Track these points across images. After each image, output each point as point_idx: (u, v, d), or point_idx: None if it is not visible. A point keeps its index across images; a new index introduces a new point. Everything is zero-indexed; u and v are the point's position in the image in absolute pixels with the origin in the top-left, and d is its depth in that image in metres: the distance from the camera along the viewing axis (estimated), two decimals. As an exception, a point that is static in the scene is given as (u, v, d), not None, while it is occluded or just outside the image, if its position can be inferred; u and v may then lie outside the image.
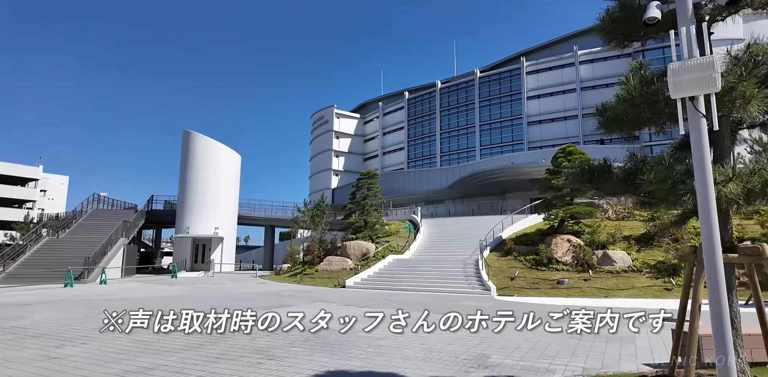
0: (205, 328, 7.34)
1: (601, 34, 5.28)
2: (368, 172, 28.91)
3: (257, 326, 7.73)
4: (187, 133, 35.04)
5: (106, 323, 7.78)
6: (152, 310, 11.28)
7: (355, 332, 9.22)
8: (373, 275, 22.76)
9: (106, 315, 7.96)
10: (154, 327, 7.50)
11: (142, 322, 7.83)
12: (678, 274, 17.42)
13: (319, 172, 76.82)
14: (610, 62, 54.75)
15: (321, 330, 9.35)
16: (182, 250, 32.93)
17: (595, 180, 5.12)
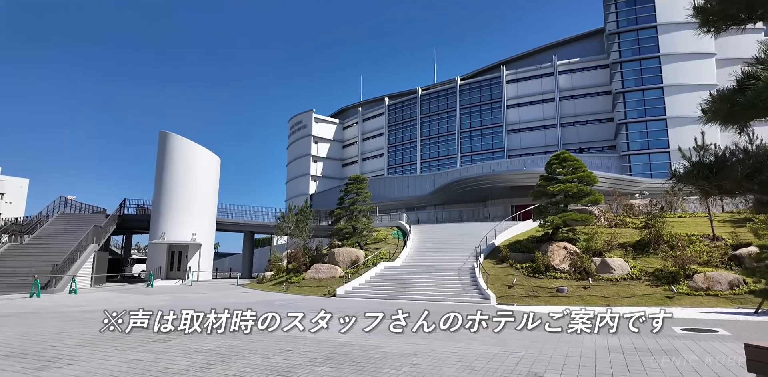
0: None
1: (700, 15, 4.74)
2: (357, 177, 28.12)
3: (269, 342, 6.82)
4: (163, 134, 33.42)
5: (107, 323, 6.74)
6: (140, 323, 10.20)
7: (378, 347, 8.40)
8: (364, 283, 21.90)
9: (110, 320, 6.93)
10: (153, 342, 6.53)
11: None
12: (677, 282, 17.33)
13: (297, 177, 75.39)
14: (588, 73, 55.93)
15: (340, 346, 8.49)
16: (157, 257, 31.15)
17: (713, 177, 4.55)
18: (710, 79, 45.94)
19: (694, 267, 17.64)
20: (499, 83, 60.01)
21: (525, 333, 10.06)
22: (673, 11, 47.74)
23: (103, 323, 8.66)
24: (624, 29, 49.23)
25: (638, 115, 47.74)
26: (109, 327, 9.03)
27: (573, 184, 21.16)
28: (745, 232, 19.58)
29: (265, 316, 12.48)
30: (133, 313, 9.07)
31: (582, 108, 55.57)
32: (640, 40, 48.56)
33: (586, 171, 21.92)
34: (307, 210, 31.97)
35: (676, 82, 46.34)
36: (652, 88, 47.20)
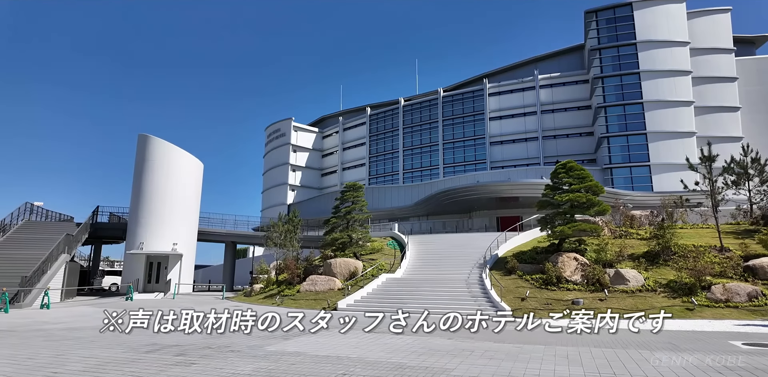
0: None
1: None
2: (353, 184, 27.06)
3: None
4: (143, 138, 31.46)
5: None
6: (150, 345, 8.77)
7: (444, 369, 7.32)
8: (367, 296, 20.76)
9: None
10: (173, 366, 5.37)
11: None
12: (695, 294, 17.04)
13: (274, 186, 73.38)
14: (569, 87, 57.09)
15: (399, 368, 7.40)
16: (134, 269, 28.91)
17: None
18: (686, 96, 47.56)
19: (709, 279, 17.42)
20: (481, 96, 60.47)
21: (592, 350, 9.25)
22: (651, 29, 49.48)
23: (103, 341, 7.25)
24: (605, 45, 50.54)
25: (619, 130, 48.77)
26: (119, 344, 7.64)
27: (581, 193, 20.83)
28: (753, 243, 19.63)
29: (289, 330, 11.24)
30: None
31: (563, 121, 56.52)
32: (620, 56, 49.93)
33: (593, 180, 21.70)
34: (296, 219, 30.58)
35: (655, 97, 47.70)
36: (632, 103, 48.41)
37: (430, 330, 12.47)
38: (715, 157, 20.36)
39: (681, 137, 46.73)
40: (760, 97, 50.99)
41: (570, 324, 14.77)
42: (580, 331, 10.03)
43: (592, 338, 11.09)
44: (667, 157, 46.39)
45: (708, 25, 50.86)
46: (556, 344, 10.17)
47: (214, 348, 9.52)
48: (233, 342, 10.31)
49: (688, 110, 47.36)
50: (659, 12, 50.04)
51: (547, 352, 9.02)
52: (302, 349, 9.39)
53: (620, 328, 13.84)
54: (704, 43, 49.97)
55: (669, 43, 48.99)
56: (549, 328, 13.23)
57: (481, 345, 10.00)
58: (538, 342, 10.38)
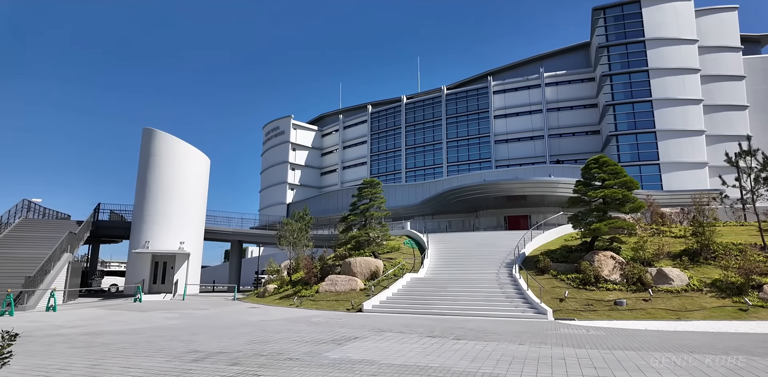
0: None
1: None
2: (371, 180, 25.94)
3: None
4: (148, 132, 30.09)
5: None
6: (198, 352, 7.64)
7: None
8: (392, 297, 19.70)
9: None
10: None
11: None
12: (746, 293, 16.24)
13: (273, 185, 72.03)
14: (574, 85, 56.57)
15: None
16: (139, 269, 27.52)
17: None
18: (695, 94, 47.17)
19: (758, 278, 16.64)
20: (486, 93, 59.76)
21: (694, 357, 8.26)
22: (660, 27, 49.05)
23: (136, 348, 6.19)
24: (613, 43, 50.01)
25: (628, 128, 48.24)
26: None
27: (617, 189, 19.98)
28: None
29: (336, 335, 10.05)
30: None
31: (568, 120, 55.97)
32: (629, 54, 49.43)
33: (628, 176, 20.85)
34: (307, 217, 29.42)
35: (664, 95, 47.25)
36: (641, 101, 47.91)
37: (489, 335, 11.51)
38: (756, 152, 19.65)
39: (690, 135, 46.31)
40: (766, 96, 50.84)
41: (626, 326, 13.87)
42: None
43: (666, 341, 10.16)
44: (677, 155, 45.96)
45: (715, 23, 50.58)
46: (642, 349, 9.22)
47: (267, 356, 8.43)
48: (283, 349, 9.23)
49: (697, 108, 46.98)
50: (667, 9, 49.63)
51: (648, 359, 8.06)
52: (369, 356, 8.33)
53: (678, 330, 13.03)
54: (712, 41, 49.68)
55: (677, 40, 48.59)
56: (598, 331, 12.38)
57: (562, 351, 9.01)
58: (619, 347, 9.42)
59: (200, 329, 12.62)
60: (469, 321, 15.04)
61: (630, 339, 10.74)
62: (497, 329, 12.61)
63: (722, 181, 20.55)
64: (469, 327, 12.82)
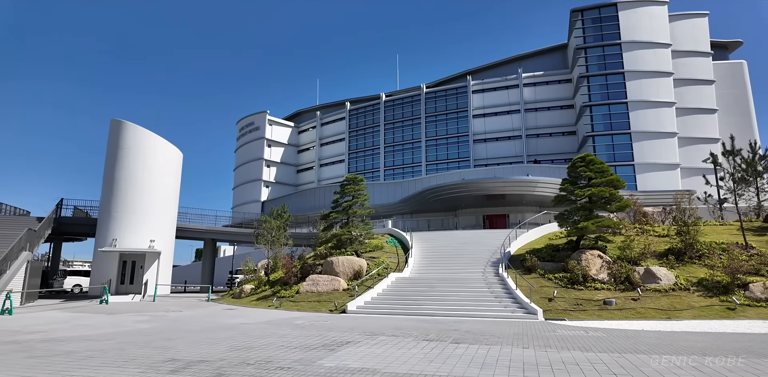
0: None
1: None
2: (354, 177, 25.13)
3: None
4: (116, 123, 28.40)
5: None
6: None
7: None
8: (378, 297, 19.02)
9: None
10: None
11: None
12: (732, 292, 16.27)
13: (246, 182, 70.19)
14: (552, 86, 57.11)
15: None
16: (106, 268, 25.88)
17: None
18: (669, 97, 48.24)
19: (743, 277, 16.71)
20: (465, 92, 59.71)
21: (711, 361, 7.87)
22: (636, 30, 49.94)
23: (105, 357, 5.37)
24: (590, 45, 50.65)
25: (604, 129, 48.94)
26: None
27: (604, 188, 19.84)
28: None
29: (326, 339, 9.26)
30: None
31: (546, 120, 56.48)
32: (605, 56, 50.16)
33: (614, 175, 20.77)
34: (285, 214, 28.41)
35: (639, 98, 48.13)
36: (617, 102, 48.68)
37: (488, 337, 10.96)
38: (739, 151, 19.85)
39: (664, 137, 47.33)
40: (733, 100, 52.52)
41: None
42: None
43: (670, 342, 9.81)
44: (651, 156, 46.89)
45: (687, 28, 51.90)
46: (651, 351, 8.82)
47: (255, 365, 7.62)
48: (271, 356, 8.41)
49: (670, 111, 48.05)
50: (643, 13, 50.60)
51: (664, 363, 7.62)
52: (368, 364, 7.62)
53: (675, 330, 12.80)
54: (684, 46, 50.94)
55: (652, 44, 49.59)
56: (597, 332, 12.02)
57: (571, 355, 8.51)
58: (627, 350, 9.00)
59: (176, 334, 11.63)
60: (460, 322, 14.50)
61: (633, 340, 10.37)
62: (493, 331, 12.08)
63: (706, 181, 20.73)
64: (465, 329, 12.26)
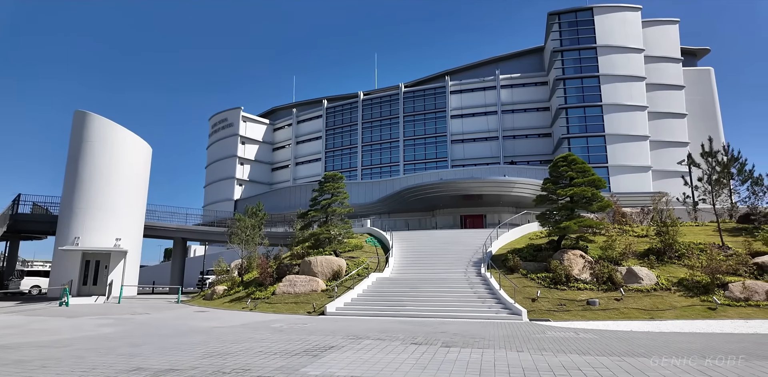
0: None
1: None
2: (333, 174, 24.40)
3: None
4: (80, 115, 26.79)
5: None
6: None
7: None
8: (358, 298, 18.39)
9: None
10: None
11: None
12: (712, 292, 16.37)
13: (219, 180, 68.30)
14: (528, 88, 57.69)
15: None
16: (67, 268, 24.30)
17: None
18: (641, 101, 49.33)
19: (723, 277, 16.84)
20: (443, 93, 59.68)
21: (711, 363, 7.56)
22: (610, 35, 50.87)
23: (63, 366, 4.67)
24: (567, 48, 51.33)
25: (579, 131, 49.64)
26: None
27: (587, 188, 19.77)
28: (754, 241, 19.48)
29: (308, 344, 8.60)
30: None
31: (522, 122, 56.98)
32: (581, 59, 50.90)
33: (596, 175, 20.74)
34: (260, 213, 27.44)
35: (613, 101, 49.04)
36: (592, 105, 49.46)
37: (478, 340, 10.48)
38: (716, 153, 20.13)
39: (637, 140, 48.34)
40: (701, 105, 54.15)
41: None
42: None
43: (664, 344, 9.55)
44: (624, 159, 47.81)
45: (659, 34, 53.21)
46: (650, 354, 8.50)
47: (231, 374, 6.89)
48: (249, 364, 7.69)
49: (643, 115, 49.14)
50: (617, 18, 51.60)
51: (669, 367, 7.29)
52: (356, 372, 7.00)
53: (664, 331, 12.67)
54: (655, 52, 52.21)
55: (626, 49, 50.62)
56: (587, 334, 11.75)
57: (569, 359, 8.11)
58: (625, 353, 8.67)
59: (142, 339, 10.72)
60: (445, 323, 14.01)
61: (627, 343, 10.08)
62: (481, 333, 11.63)
63: (685, 182, 20.97)
64: (452, 332, 11.76)
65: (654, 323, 14.24)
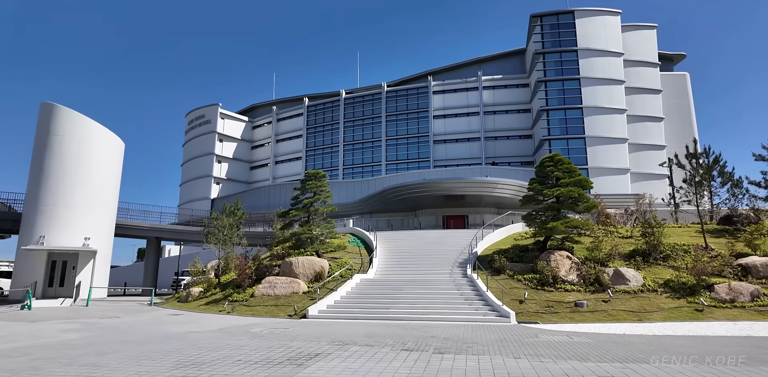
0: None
1: None
2: (316, 172, 23.64)
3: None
4: (47, 107, 25.36)
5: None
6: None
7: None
8: (341, 300, 17.77)
9: None
10: None
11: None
12: (698, 294, 16.32)
13: (195, 178, 66.55)
14: (510, 90, 57.92)
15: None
16: (31, 269, 22.88)
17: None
18: (620, 104, 50.00)
19: (708, 279, 16.83)
20: (426, 93, 59.44)
21: (721, 369, 7.22)
22: (591, 38, 51.43)
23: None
24: (549, 50, 51.66)
25: (560, 133, 50.00)
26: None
27: (573, 188, 19.59)
28: (736, 242, 19.61)
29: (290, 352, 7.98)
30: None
31: (503, 123, 57.17)
32: (563, 61, 51.30)
33: (582, 175, 20.60)
34: (239, 212, 26.52)
35: (593, 104, 49.56)
36: (573, 107, 49.88)
37: (471, 346, 10.01)
38: (701, 155, 20.24)
39: (616, 143, 48.94)
40: (677, 109, 55.26)
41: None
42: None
43: (662, 348, 9.24)
44: (604, 161, 48.34)
45: (637, 39, 54.07)
46: (651, 360, 8.16)
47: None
48: (228, 375, 7.02)
49: (622, 118, 49.81)
50: (598, 22, 52.21)
51: (675, 374, 6.92)
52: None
53: (657, 333, 12.39)
54: (634, 56, 53.03)
55: (606, 52, 51.24)
56: (580, 337, 11.42)
57: (571, 366, 7.69)
58: (626, 358, 8.31)
59: (109, 346, 9.88)
60: (433, 327, 13.51)
61: (625, 347, 9.74)
62: (473, 337, 11.17)
63: (670, 182, 21.04)
64: (443, 336, 11.26)
65: (644, 325, 14.04)
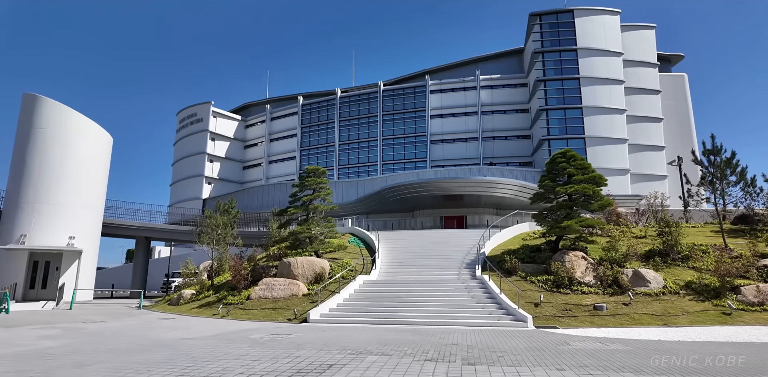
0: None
1: None
2: (315, 169, 22.47)
3: None
4: (30, 98, 23.96)
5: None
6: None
7: None
8: (344, 303, 16.66)
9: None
10: None
11: None
12: (723, 296, 15.44)
13: (186, 178, 65.00)
14: (508, 90, 57.23)
15: None
16: (10, 270, 21.39)
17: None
18: (620, 104, 49.45)
19: (733, 280, 15.96)
20: (423, 92, 58.55)
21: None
22: (590, 38, 50.89)
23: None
24: (548, 49, 51.03)
25: (560, 133, 49.32)
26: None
27: (588, 185, 18.68)
28: (758, 243, 18.82)
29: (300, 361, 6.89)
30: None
31: (501, 123, 56.44)
32: (562, 61, 50.68)
33: (595, 171, 19.70)
34: (233, 210, 25.32)
35: (593, 103, 48.95)
36: (572, 107, 49.24)
37: (501, 355, 8.96)
38: (720, 150, 19.44)
39: (615, 143, 48.36)
40: (675, 110, 54.91)
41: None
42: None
43: (714, 356, 8.27)
44: (604, 161, 47.66)
45: (636, 39, 53.65)
46: (713, 372, 7.18)
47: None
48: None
49: (621, 118, 49.26)
50: (597, 21, 51.71)
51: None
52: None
53: (695, 340, 11.38)
54: (633, 56, 52.57)
55: (606, 52, 50.73)
56: (615, 344, 10.46)
57: None
58: (687, 370, 7.33)
59: (91, 355, 8.69)
60: (448, 332, 12.45)
61: (671, 355, 8.76)
62: (499, 344, 10.13)
63: (687, 180, 20.18)
64: (465, 344, 10.21)
65: (674, 330, 13.10)
